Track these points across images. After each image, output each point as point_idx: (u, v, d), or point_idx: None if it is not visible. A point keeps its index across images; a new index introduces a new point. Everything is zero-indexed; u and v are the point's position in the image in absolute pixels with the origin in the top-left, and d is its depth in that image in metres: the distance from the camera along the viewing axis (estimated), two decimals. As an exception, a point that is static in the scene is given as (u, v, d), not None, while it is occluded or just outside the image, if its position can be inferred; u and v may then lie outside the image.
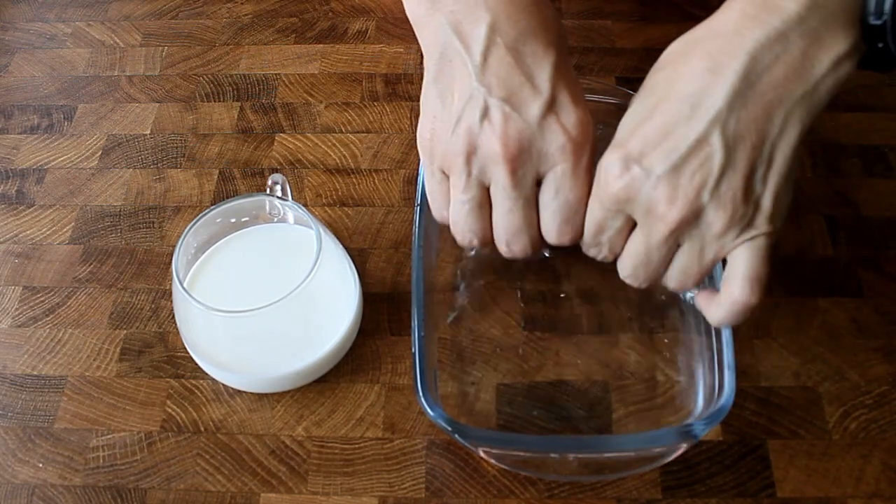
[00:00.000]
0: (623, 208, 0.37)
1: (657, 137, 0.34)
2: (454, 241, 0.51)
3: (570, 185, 0.38)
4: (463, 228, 0.41)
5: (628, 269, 0.39)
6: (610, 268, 0.49)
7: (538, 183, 0.39)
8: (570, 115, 0.37)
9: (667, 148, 0.34)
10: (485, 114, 0.37)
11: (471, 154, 0.38)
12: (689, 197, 0.34)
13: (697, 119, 0.33)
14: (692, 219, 0.35)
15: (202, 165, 0.57)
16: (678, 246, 0.37)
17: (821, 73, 0.32)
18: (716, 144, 0.33)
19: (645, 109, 0.36)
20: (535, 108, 0.37)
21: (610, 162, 0.36)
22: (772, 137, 0.33)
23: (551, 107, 0.37)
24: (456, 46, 0.37)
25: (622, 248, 0.39)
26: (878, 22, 0.32)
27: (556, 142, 0.37)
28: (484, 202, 0.40)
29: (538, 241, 0.40)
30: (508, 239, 0.40)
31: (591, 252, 0.41)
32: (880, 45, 0.32)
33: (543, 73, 0.37)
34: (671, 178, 0.34)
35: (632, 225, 0.38)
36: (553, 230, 0.39)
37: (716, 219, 0.34)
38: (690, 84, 0.34)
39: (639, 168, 0.35)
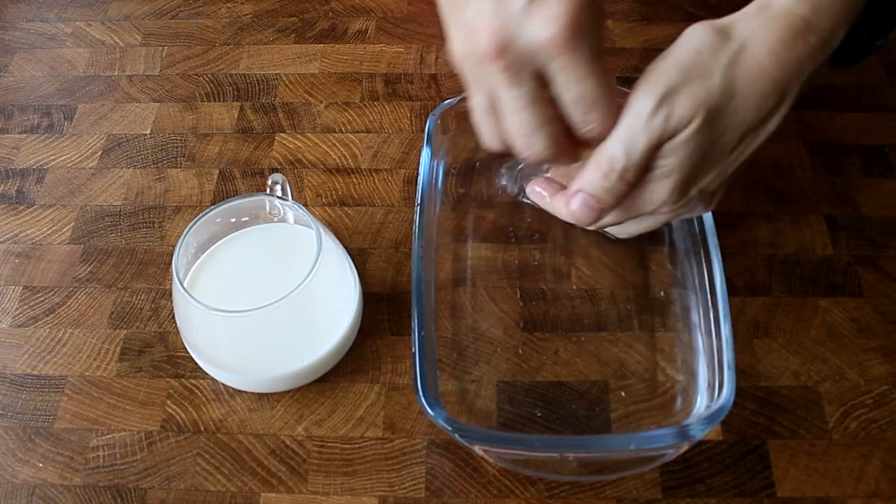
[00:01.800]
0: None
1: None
2: (454, 239, 0.51)
3: (576, 77, 0.34)
4: (483, 135, 0.39)
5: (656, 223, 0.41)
6: (610, 267, 0.50)
7: (541, 80, 0.35)
8: (553, 2, 0.33)
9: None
10: (478, 8, 0.34)
11: (469, 58, 0.36)
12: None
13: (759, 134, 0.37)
14: None
15: (202, 165, 0.57)
16: None
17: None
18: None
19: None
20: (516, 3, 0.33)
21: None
22: None
23: (530, 3, 0.33)
24: None
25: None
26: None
27: (543, 34, 0.33)
28: (491, 107, 0.37)
29: (560, 138, 0.37)
30: (524, 142, 0.37)
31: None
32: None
33: None
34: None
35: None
36: (577, 121, 0.36)
37: None
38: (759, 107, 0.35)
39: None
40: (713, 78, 0.34)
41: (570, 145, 0.37)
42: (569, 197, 0.38)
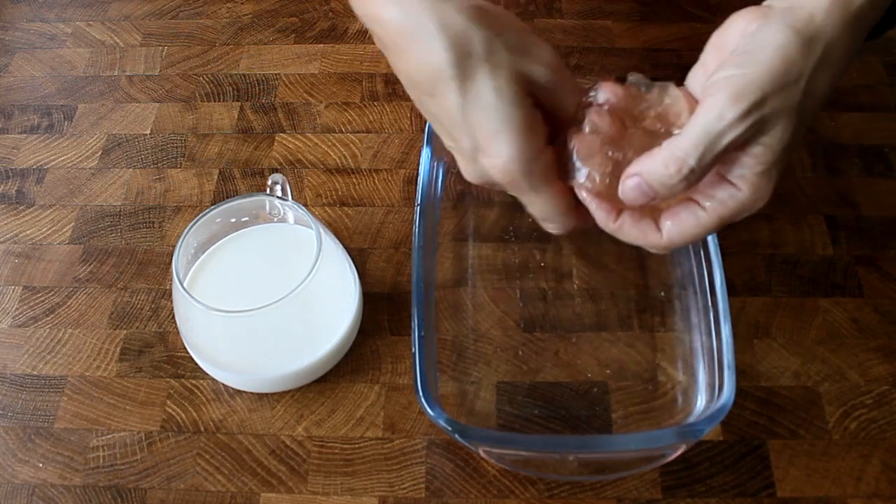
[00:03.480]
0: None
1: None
2: (454, 239, 0.51)
3: (528, 201, 0.38)
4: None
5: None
6: (610, 267, 0.50)
7: None
8: (491, 157, 0.36)
9: None
10: (458, 154, 0.39)
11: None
12: None
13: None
14: None
15: (202, 165, 0.57)
16: None
17: None
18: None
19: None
20: (468, 153, 0.37)
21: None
22: None
23: (475, 153, 0.37)
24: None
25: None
26: None
27: (494, 176, 0.37)
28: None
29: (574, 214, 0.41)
30: (546, 224, 0.41)
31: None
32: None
33: (457, 119, 0.37)
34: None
35: None
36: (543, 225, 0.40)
37: None
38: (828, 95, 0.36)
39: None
40: (801, 84, 0.35)
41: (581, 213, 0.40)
42: (626, 176, 0.38)
